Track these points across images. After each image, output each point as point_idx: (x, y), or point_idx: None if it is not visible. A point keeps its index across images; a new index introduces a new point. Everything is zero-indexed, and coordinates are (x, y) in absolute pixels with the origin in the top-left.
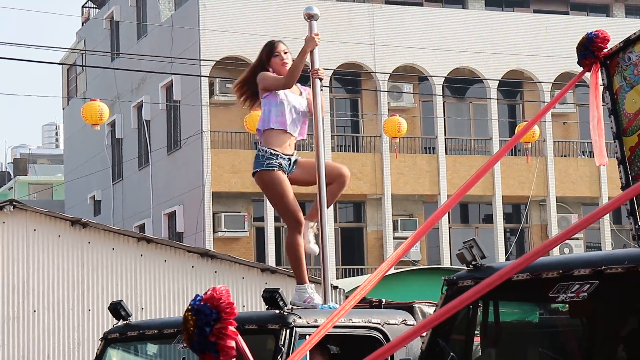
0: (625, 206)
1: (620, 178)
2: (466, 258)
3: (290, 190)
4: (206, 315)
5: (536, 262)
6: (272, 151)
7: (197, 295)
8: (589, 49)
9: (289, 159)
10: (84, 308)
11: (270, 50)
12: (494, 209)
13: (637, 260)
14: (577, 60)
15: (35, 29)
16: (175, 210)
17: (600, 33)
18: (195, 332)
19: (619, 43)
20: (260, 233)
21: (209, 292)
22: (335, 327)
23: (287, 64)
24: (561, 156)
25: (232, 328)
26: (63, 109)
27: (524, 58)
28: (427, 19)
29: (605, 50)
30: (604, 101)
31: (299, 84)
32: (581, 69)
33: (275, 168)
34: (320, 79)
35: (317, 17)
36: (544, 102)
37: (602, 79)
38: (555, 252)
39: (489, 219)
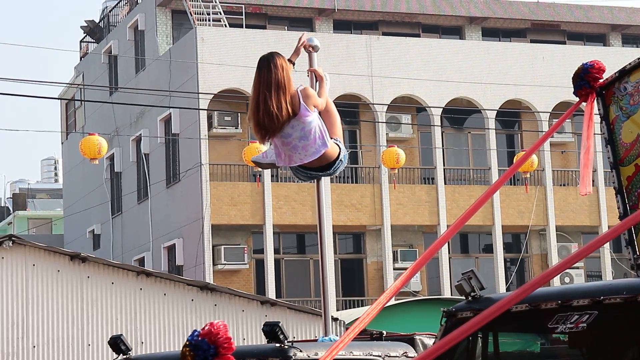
0: (624, 236)
1: (618, 208)
2: (465, 289)
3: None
4: (204, 350)
5: (535, 293)
6: None
7: (194, 331)
8: (585, 80)
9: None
10: (83, 343)
11: None
12: (494, 239)
13: (636, 290)
14: (573, 90)
15: (33, 64)
16: (174, 244)
17: (596, 63)
18: None
19: (615, 73)
20: (260, 265)
21: (206, 327)
22: None
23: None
24: (560, 185)
25: None
26: (62, 143)
27: (522, 88)
28: (424, 50)
29: (601, 80)
30: (600, 131)
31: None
32: (578, 99)
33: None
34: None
35: (317, 48)
36: (542, 131)
37: (599, 109)
38: (556, 282)
39: (489, 248)
